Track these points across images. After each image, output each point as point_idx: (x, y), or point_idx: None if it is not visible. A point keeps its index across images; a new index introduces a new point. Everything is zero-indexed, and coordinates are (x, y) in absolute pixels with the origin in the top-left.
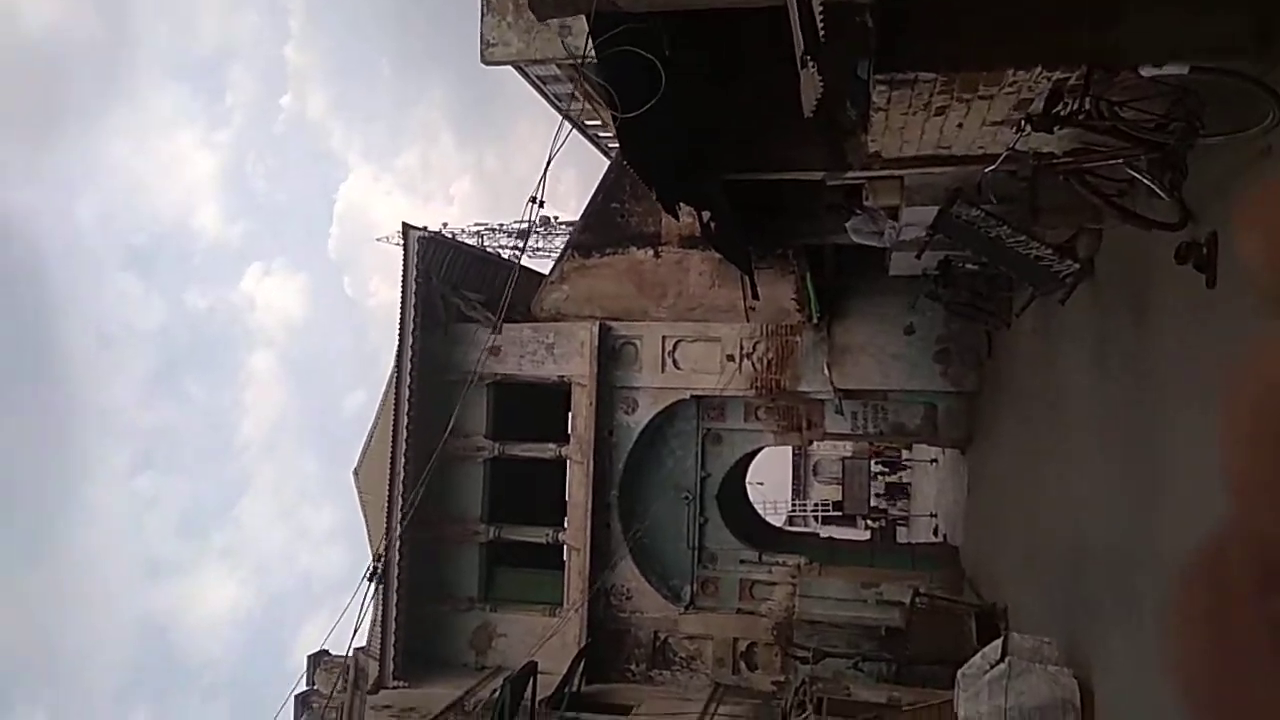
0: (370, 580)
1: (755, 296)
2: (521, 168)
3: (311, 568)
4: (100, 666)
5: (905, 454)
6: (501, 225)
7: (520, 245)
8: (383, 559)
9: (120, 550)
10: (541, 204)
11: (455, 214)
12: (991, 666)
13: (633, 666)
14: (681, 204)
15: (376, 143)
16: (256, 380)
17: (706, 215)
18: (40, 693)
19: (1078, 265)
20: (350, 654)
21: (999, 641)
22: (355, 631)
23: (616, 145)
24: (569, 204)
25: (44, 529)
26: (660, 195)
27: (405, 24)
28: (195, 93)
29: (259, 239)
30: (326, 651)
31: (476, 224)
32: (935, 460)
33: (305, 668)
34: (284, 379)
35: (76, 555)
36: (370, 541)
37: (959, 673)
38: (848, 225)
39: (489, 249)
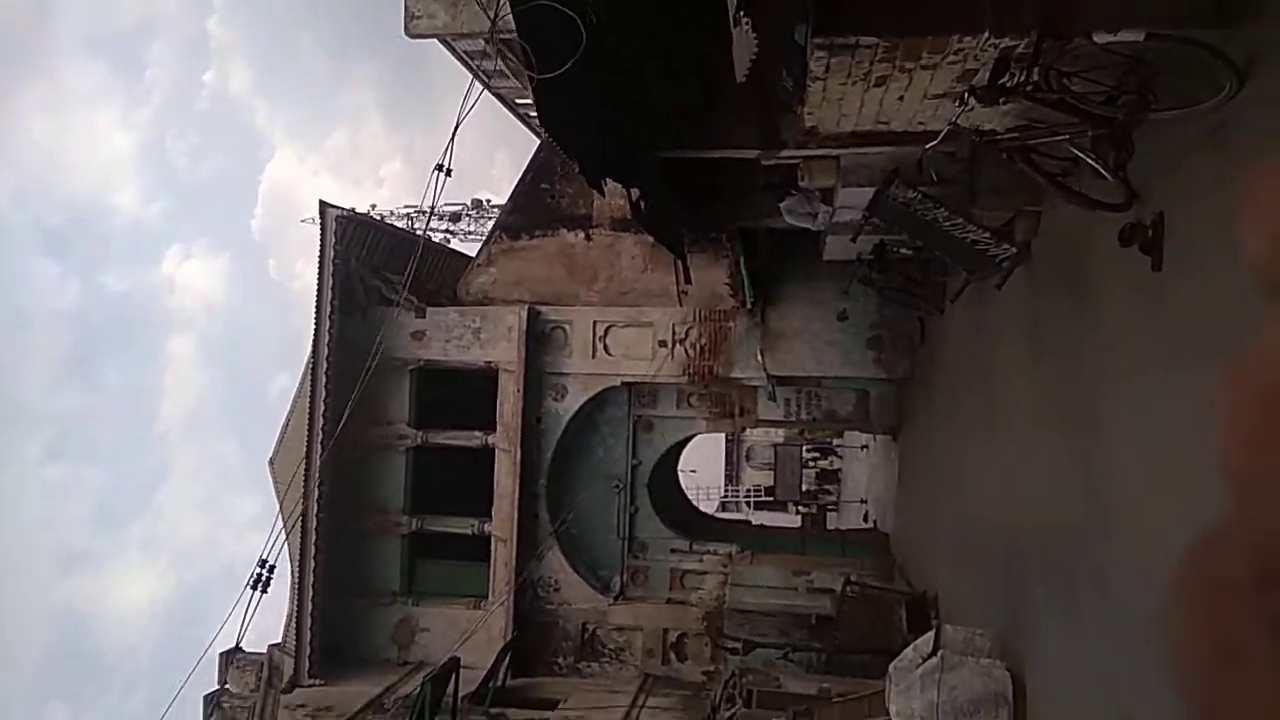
0: (255, 587)
1: (688, 281)
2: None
3: (235, 557)
4: (13, 661)
5: (836, 440)
6: (432, 208)
7: (450, 229)
8: (294, 555)
9: (33, 542)
10: (449, 173)
11: (385, 196)
12: (924, 660)
13: (560, 659)
14: (609, 181)
15: (303, 123)
16: (176, 365)
17: (636, 194)
18: None
19: (1015, 250)
20: (266, 651)
21: (931, 634)
22: (243, 625)
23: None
24: (501, 188)
25: None
26: (584, 169)
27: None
28: (115, 69)
29: (180, 220)
30: (240, 648)
31: (406, 206)
32: (866, 446)
33: (217, 665)
34: (205, 363)
35: None
36: (286, 533)
37: (890, 666)
38: (782, 206)
39: (417, 231)
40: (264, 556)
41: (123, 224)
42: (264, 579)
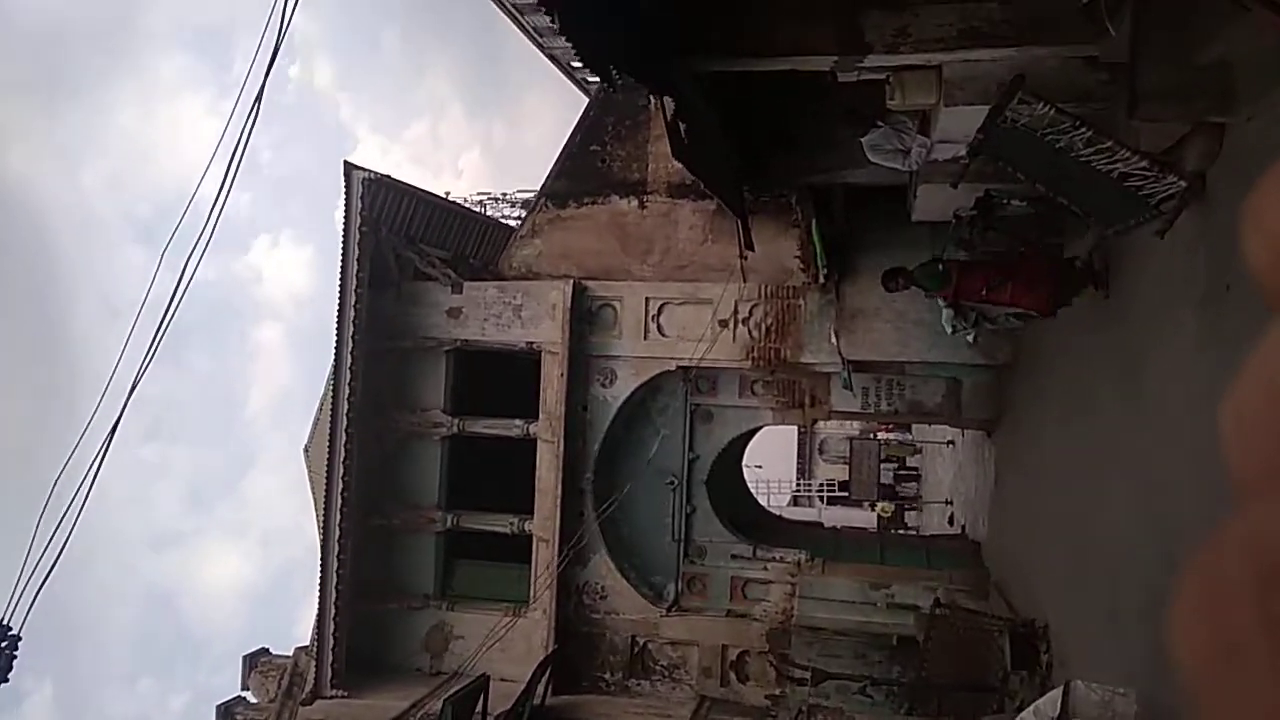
0: None
1: (749, 246)
2: (531, 139)
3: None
4: (107, 638)
5: (915, 438)
6: (505, 195)
7: (521, 217)
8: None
9: (126, 519)
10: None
11: (464, 187)
12: None
13: (606, 675)
14: (650, 94)
15: (385, 115)
16: (265, 353)
17: (671, 108)
18: (48, 663)
19: (1183, 184)
20: (292, 655)
21: (1056, 694)
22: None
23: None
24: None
25: (53, 498)
26: (585, 54)
27: None
28: (202, 60)
29: (267, 210)
30: (266, 650)
31: (479, 193)
32: (951, 442)
33: (240, 668)
34: (293, 353)
35: (83, 525)
36: (318, 526)
37: None
38: (864, 142)
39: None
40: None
41: (211, 213)
42: None
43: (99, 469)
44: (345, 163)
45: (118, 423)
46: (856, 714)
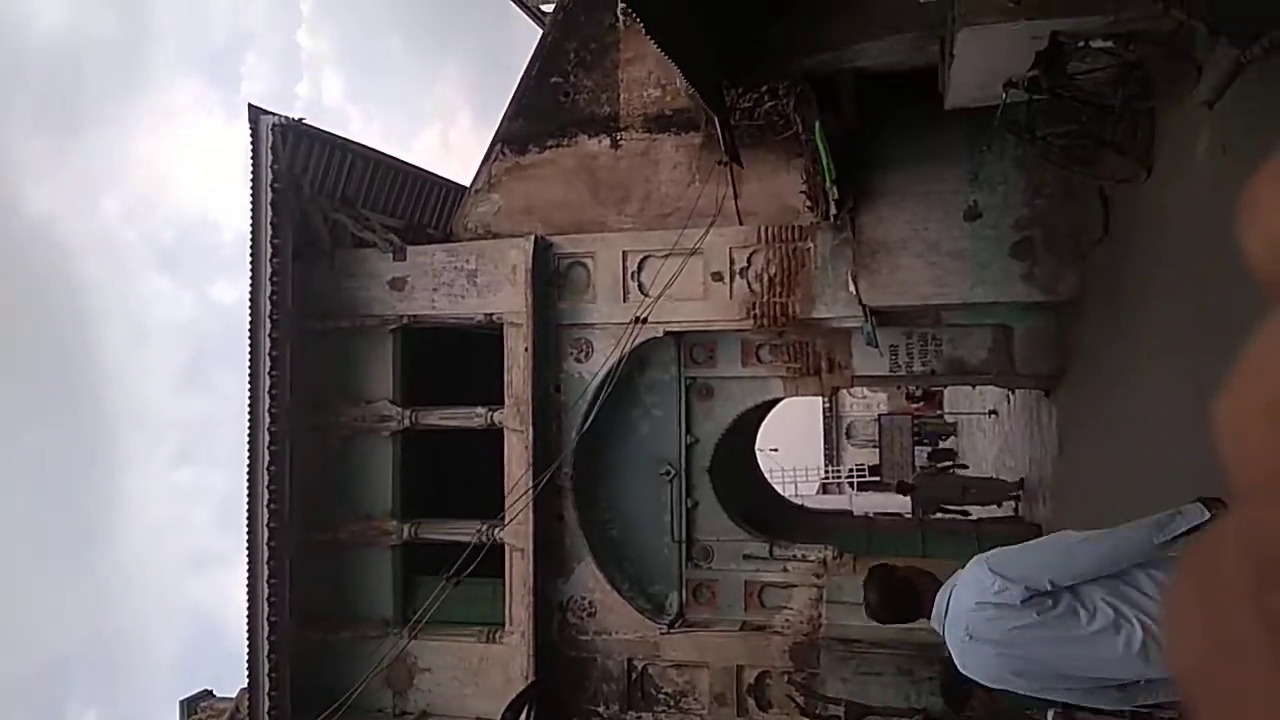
0: None
1: (734, 159)
2: None
3: None
4: (152, 658)
5: (947, 413)
6: None
7: None
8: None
9: (165, 544)
10: None
11: None
12: None
13: (600, 708)
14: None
15: (395, 124)
16: None
17: None
18: (93, 690)
19: None
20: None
21: None
22: None
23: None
24: None
25: (88, 526)
26: None
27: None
28: (212, 84)
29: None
30: (209, 693)
31: None
32: (994, 412)
33: (178, 716)
34: None
35: (121, 551)
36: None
37: None
38: None
39: None
40: None
41: (229, 236)
42: None
43: None
44: (250, 106)
45: None
46: None
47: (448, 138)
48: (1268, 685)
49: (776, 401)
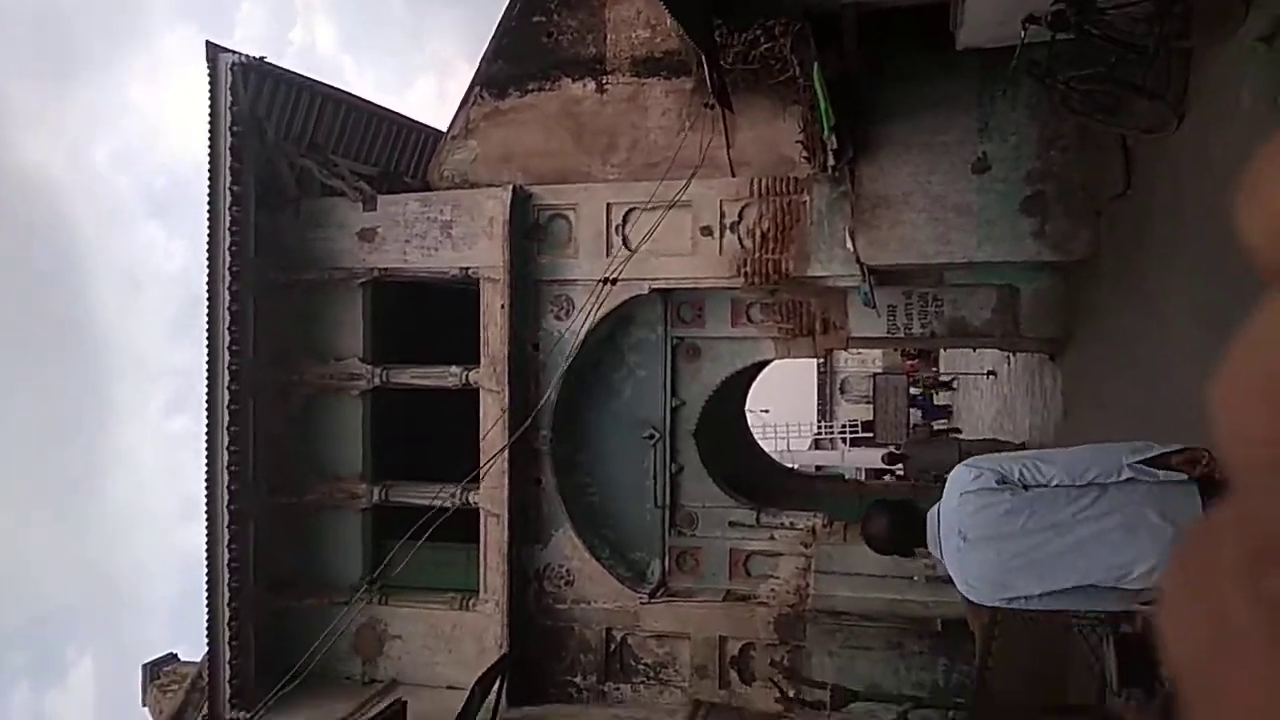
0: None
1: (724, 102)
2: None
3: None
4: (148, 606)
5: (944, 372)
6: None
7: None
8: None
9: (159, 492)
10: None
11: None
12: None
13: (577, 679)
14: None
15: (389, 75)
16: None
17: None
18: (90, 635)
19: None
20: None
21: None
22: None
23: None
24: None
25: (84, 473)
26: None
27: None
28: (205, 30)
29: None
30: (174, 656)
31: None
32: (992, 373)
33: (140, 679)
34: None
35: (118, 499)
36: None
37: None
38: None
39: None
40: None
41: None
42: None
43: None
44: (208, 44)
45: None
46: None
47: (444, 89)
48: (1267, 670)
49: (767, 363)
